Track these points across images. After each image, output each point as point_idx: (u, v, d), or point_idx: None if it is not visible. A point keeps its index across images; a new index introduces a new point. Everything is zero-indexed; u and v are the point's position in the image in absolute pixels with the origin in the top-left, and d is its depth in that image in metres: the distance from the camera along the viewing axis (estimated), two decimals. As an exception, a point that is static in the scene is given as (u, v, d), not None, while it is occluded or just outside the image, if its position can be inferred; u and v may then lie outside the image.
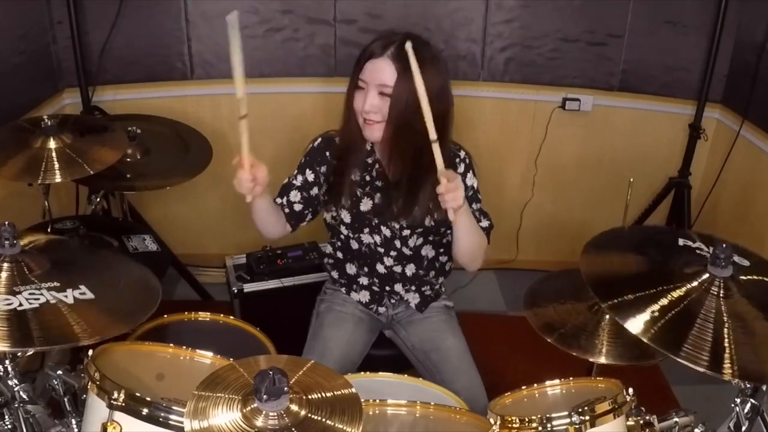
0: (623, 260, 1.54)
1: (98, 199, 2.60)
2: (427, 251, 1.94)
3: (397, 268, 1.94)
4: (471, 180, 1.86)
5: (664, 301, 1.37)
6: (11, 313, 1.27)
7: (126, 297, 1.47)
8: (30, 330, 1.26)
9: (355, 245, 1.93)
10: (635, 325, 1.33)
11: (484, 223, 1.89)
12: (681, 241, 1.59)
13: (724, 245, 1.43)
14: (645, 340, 1.30)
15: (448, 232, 1.90)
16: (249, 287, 2.40)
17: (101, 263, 1.58)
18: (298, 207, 1.87)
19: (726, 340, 1.30)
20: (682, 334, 1.31)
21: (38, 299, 1.32)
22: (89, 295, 1.38)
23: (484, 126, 3.06)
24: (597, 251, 1.55)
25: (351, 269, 1.99)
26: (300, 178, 1.87)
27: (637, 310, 1.35)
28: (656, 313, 1.34)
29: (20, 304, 1.30)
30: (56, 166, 1.98)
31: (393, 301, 2.00)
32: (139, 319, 1.41)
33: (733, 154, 2.88)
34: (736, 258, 1.48)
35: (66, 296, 1.36)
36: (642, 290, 1.40)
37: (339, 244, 1.98)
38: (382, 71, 1.66)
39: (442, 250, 1.97)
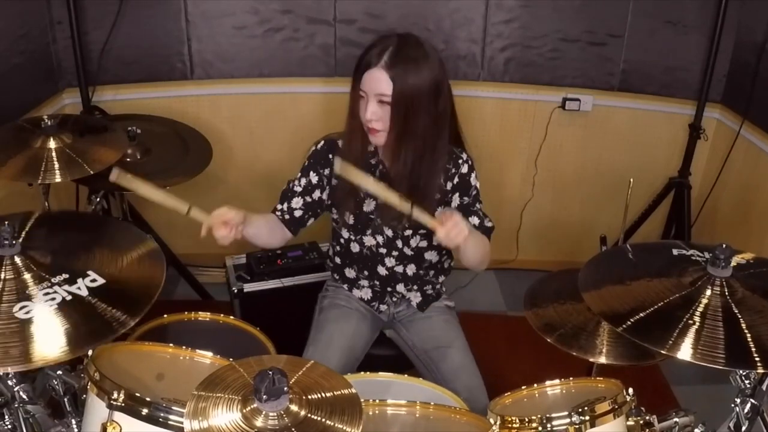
0: (626, 288, 1.51)
1: (98, 199, 2.59)
2: (431, 256, 1.95)
3: (399, 269, 1.94)
4: (474, 181, 1.87)
5: (679, 313, 1.37)
6: (33, 323, 1.27)
7: (133, 271, 1.47)
8: (71, 329, 1.27)
9: (356, 248, 1.93)
10: (661, 345, 1.32)
11: (488, 223, 1.89)
12: (675, 251, 1.59)
13: (723, 245, 1.43)
14: (691, 360, 1.29)
15: None
16: (249, 287, 2.40)
17: (100, 240, 1.57)
18: (298, 213, 1.86)
19: (748, 334, 1.31)
20: (714, 340, 1.31)
21: (54, 299, 1.32)
22: (100, 281, 1.38)
23: (484, 126, 3.06)
24: (595, 286, 1.54)
25: (350, 273, 2.00)
26: (303, 181, 1.87)
27: (657, 328, 1.35)
28: (679, 327, 1.34)
29: (42, 309, 1.29)
30: (56, 166, 1.98)
31: (395, 299, 2.00)
32: (153, 291, 1.41)
33: (733, 154, 2.88)
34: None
35: (79, 288, 1.36)
36: (652, 306, 1.40)
37: (338, 248, 1.98)
38: (378, 81, 1.66)
39: (444, 252, 1.98)
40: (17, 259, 1.39)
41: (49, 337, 1.25)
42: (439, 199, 1.84)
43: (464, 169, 1.85)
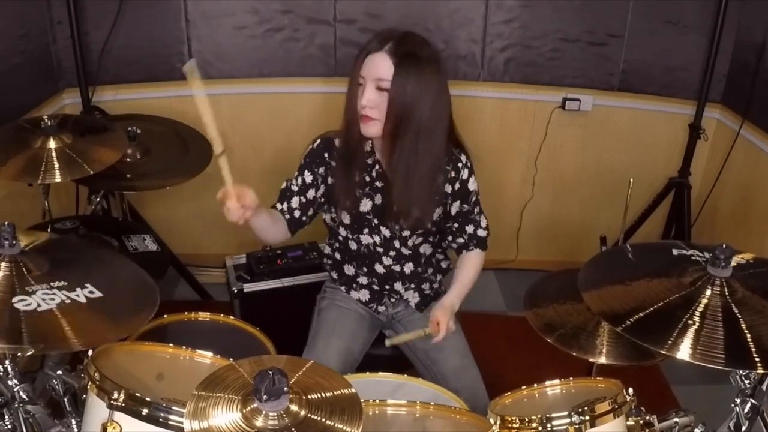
0: (626, 288, 1.51)
1: (98, 199, 2.60)
2: (425, 249, 1.95)
3: (396, 267, 1.94)
4: (473, 185, 1.87)
5: (679, 313, 1.37)
6: (35, 314, 1.27)
7: (130, 292, 1.48)
8: (71, 329, 1.27)
9: (353, 246, 1.93)
10: (661, 345, 1.31)
11: (482, 232, 1.91)
12: (675, 251, 1.59)
13: (723, 245, 1.43)
14: (690, 360, 1.28)
15: (448, 238, 1.92)
16: (249, 287, 2.40)
17: (98, 261, 1.58)
18: (297, 213, 1.86)
19: (748, 334, 1.31)
20: (714, 340, 1.31)
21: (53, 299, 1.32)
22: (98, 294, 1.39)
23: (484, 126, 3.06)
24: (595, 286, 1.53)
25: (349, 270, 1.99)
26: (299, 180, 1.86)
27: (657, 328, 1.35)
28: (679, 327, 1.34)
29: (38, 305, 1.30)
30: (56, 166, 1.98)
31: (393, 300, 2.00)
32: (147, 314, 1.41)
33: (733, 154, 2.89)
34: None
35: (78, 295, 1.36)
36: (652, 306, 1.40)
37: (337, 245, 1.98)
38: (379, 65, 1.66)
39: (439, 250, 1.98)
40: (17, 260, 1.39)
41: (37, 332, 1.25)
42: (437, 200, 1.84)
43: (464, 174, 1.85)
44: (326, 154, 1.85)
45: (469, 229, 1.92)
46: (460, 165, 1.84)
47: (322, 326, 1.95)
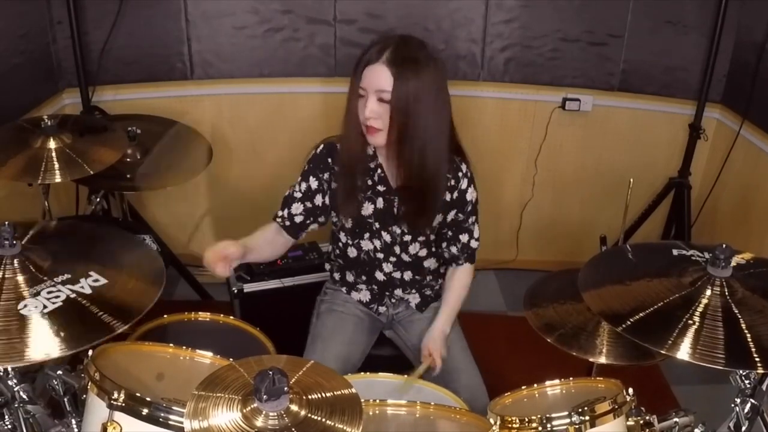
0: (625, 288, 1.51)
1: (98, 199, 2.60)
2: (430, 263, 1.96)
3: (396, 274, 1.94)
4: (471, 195, 1.87)
5: (679, 313, 1.37)
6: (44, 316, 1.27)
7: (134, 273, 1.47)
8: (75, 326, 1.27)
9: (353, 253, 1.93)
10: (661, 345, 1.32)
11: (474, 243, 1.93)
12: (675, 252, 1.59)
13: (723, 245, 1.43)
14: (690, 360, 1.29)
15: (443, 244, 1.94)
16: (249, 287, 2.40)
17: (100, 244, 1.57)
18: (299, 219, 1.86)
19: (748, 334, 1.31)
20: (714, 340, 1.31)
21: (59, 296, 1.32)
22: (103, 281, 1.38)
23: (484, 126, 3.06)
24: (595, 286, 1.53)
25: (350, 277, 2.00)
26: (303, 186, 1.85)
27: (657, 328, 1.35)
28: (679, 327, 1.34)
29: (45, 306, 1.29)
30: (56, 166, 1.98)
31: (393, 300, 2.00)
32: (155, 291, 1.41)
33: (733, 154, 2.89)
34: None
35: (82, 287, 1.36)
36: (652, 306, 1.40)
37: (337, 251, 1.98)
38: (378, 77, 1.66)
39: (442, 260, 1.98)
40: (17, 260, 1.38)
41: (51, 334, 1.25)
42: (438, 206, 1.83)
43: (464, 184, 1.84)
44: (330, 159, 1.85)
45: (464, 238, 1.91)
46: (460, 174, 1.84)
47: (320, 332, 1.95)
